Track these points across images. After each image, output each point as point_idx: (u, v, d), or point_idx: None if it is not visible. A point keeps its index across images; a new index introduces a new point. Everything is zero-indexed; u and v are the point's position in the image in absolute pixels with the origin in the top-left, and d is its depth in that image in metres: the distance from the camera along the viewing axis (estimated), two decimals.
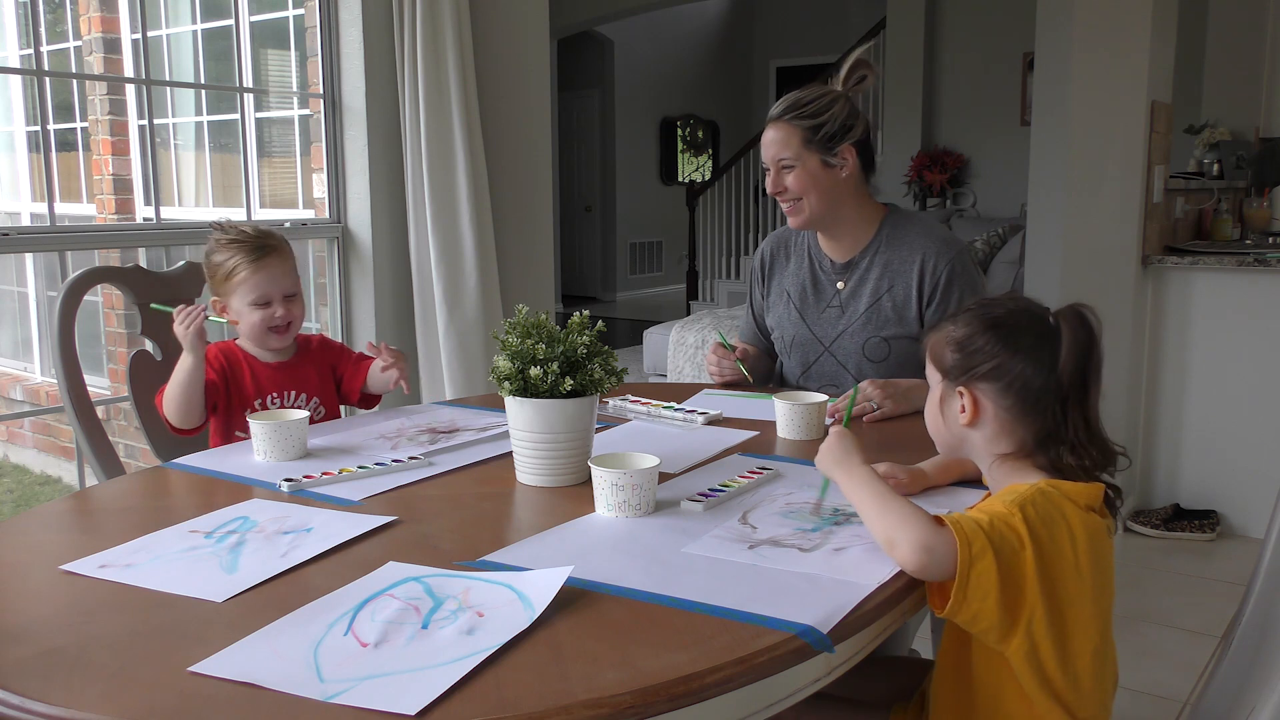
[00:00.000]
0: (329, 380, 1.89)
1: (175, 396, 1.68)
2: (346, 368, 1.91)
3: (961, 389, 1.21)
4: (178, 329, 1.66)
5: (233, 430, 1.77)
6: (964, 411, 1.21)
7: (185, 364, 1.67)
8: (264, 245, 1.78)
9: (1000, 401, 1.18)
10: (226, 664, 0.89)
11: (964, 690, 1.19)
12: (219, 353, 1.79)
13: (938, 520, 1.08)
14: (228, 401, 1.77)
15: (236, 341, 1.82)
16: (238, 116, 3.69)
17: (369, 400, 1.93)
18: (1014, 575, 1.07)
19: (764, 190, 8.02)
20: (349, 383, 1.91)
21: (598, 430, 1.53)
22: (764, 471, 1.45)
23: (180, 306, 1.69)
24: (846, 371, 2.00)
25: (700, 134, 11.30)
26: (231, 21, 3.70)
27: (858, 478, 1.18)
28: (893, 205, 2.06)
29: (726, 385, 2.06)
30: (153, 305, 1.85)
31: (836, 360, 2.01)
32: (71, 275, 1.81)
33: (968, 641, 1.17)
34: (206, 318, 1.68)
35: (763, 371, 2.16)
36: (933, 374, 1.27)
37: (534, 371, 1.35)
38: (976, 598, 1.06)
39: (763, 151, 1.96)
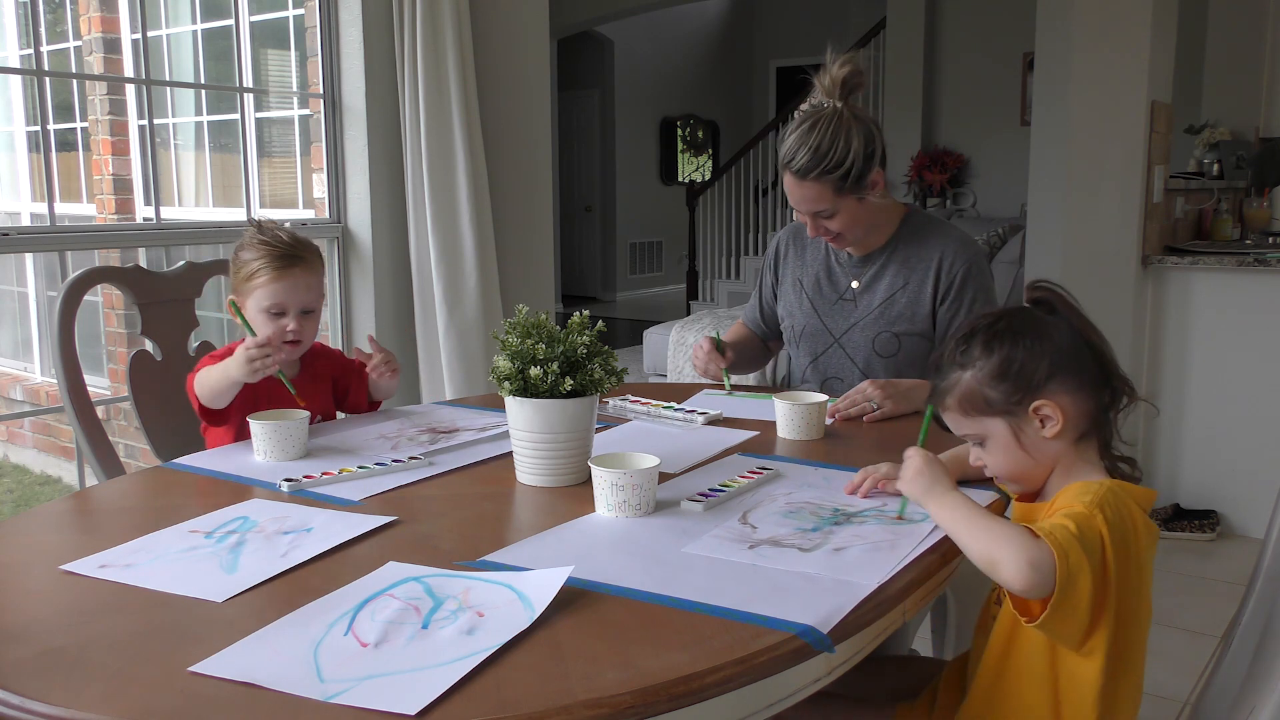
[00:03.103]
0: (331, 393, 1.88)
1: (214, 387, 1.63)
2: (351, 380, 1.90)
3: (1039, 404, 1.16)
4: (244, 361, 1.57)
5: (236, 440, 1.74)
6: (1046, 423, 1.16)
7: (233, 377, 1.61)
8: (292, 254, 1.72)
9: (1067, 386, 1.17)
10: (226, 664, 0.89)
11: (999, 703, 1.19)
12: None
13: (1031, 533, 1.05)
14: (239, 409, 1.72)
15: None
16: (238, 116, 3.69)
17: (374, 404, 1.94)
18: (1102, 580, 1.06)
19: (764, 190, 8.07)
20: (356, 395, 1.90)
21: (598, 430, 1.53)
22: (764, 471, 1.44)
23: (264, 339, 1.60)
24: (855, 365, 2.00)
25: (700, 134, 11.30)
26: (231, 21, 3.70)
27: (948, 503, 1.14)
28: (914, 205, 2.06)
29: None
30: (234, 308, 1.72)
31: (845, 353, 2.01)
32: (71, 275, 1.81)
33: (1010, 652, 1.17)
34: (276, 369, 1.59)
35: (749, 357, 2.19)
36: (981, 425, 1.20)
37: (534, 371, 1.35)
38: (1070, 610, 1.04)
39: (793, 201, 1.90)
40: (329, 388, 1.87)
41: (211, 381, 1.64)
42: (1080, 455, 1.19)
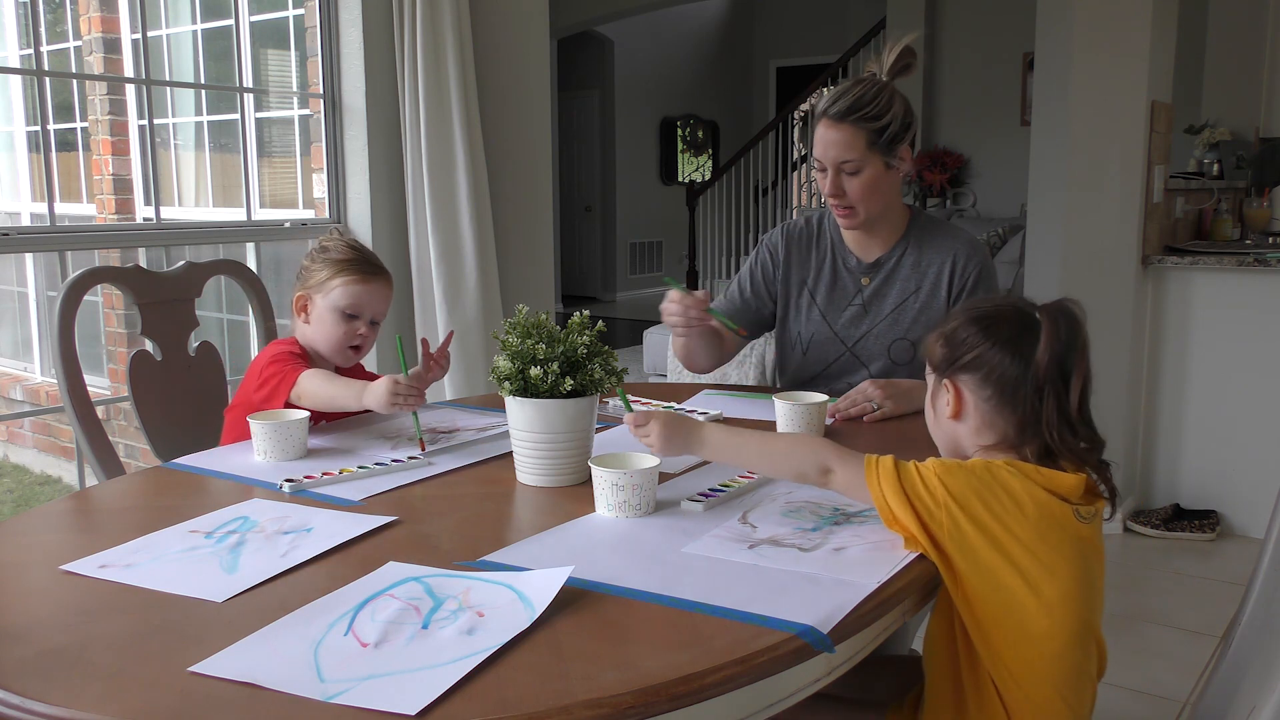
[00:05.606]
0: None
1: (335, 403, 1.63)
2: None
3: (946, 381, 1.23)
4: (387, 395, 1.55)
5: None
6: (948, 405, 1.23)
7: (365, 405, 1.59)
8: (378, 266, 1.82)
9: (980, 392, 1.20)
10: (226, 664, 0.89)
11: (954, 679, 1.20)
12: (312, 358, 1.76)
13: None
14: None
15: (306, 353, 1.77)
16: (238, 116, 3.69)
17: None
18: (923, 528, 1.11)
19: (764, 190, 8.06)
20: None
21: (598, 430, 1.53)
22: None
23: (418, 379, 1.61)
24: (868, 371, 1.98)
25: (700, 134, 11.30)
26: (231, 21, 3.69)
27: (714, 439, 1.27)
28: (916, 208, 2.06)
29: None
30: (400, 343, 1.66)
31: (860, 361, 1.99)
32: (71, 275, 1.81)
33: (950, 628, 1.19)
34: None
35: (711, 356, 2.02)
36: (928, 373, 1.30)
37: (534, 371, 1.35)
38: (882, 490, 1.14)
39: (820, 150, 1.87)
40: None
41: (337, 399, 1.62)
42: (989, 457, 1.20)
